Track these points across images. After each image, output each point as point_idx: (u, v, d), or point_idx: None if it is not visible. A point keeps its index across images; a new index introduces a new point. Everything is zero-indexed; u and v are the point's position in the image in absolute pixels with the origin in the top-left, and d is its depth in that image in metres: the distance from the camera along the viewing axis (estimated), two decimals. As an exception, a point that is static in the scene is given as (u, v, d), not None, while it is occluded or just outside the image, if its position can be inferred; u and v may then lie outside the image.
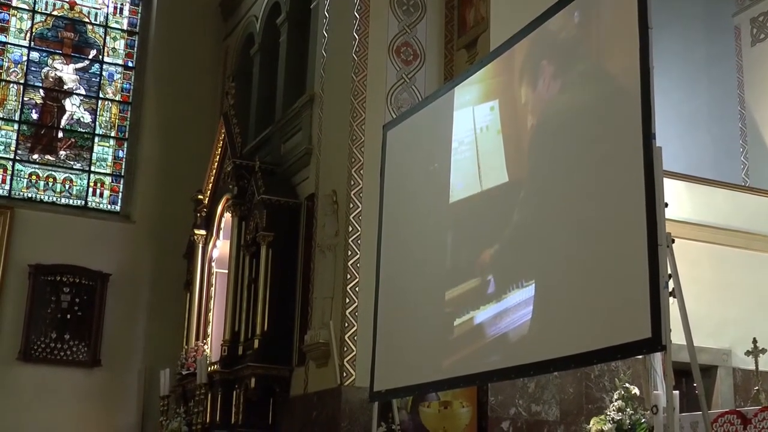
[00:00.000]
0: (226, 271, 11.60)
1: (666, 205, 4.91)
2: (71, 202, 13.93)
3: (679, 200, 9.46)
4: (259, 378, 10.23)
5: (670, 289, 4.77)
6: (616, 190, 5.25)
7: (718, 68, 12.21)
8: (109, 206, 14.13)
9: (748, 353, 7.80)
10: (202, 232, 12.54)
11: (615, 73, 5.50)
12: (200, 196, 12.69)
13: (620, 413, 7.82)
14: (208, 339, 11.84)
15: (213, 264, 12.26)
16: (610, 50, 5.64)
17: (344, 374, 9.09)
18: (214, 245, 12.29)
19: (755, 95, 11.50)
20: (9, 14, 14.18)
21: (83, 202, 14.00)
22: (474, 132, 6.83)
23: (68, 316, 13.14)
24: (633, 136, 5.10)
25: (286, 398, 10.29)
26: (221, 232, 12.11)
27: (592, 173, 5.54)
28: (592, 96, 5.72)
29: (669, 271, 4.79)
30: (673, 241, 4.87)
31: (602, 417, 7.92)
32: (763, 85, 11.66)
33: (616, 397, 8.09)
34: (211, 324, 11.90)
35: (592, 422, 7.97)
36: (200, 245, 12.53)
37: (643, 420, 7.66)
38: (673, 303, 4.77)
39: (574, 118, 5.84)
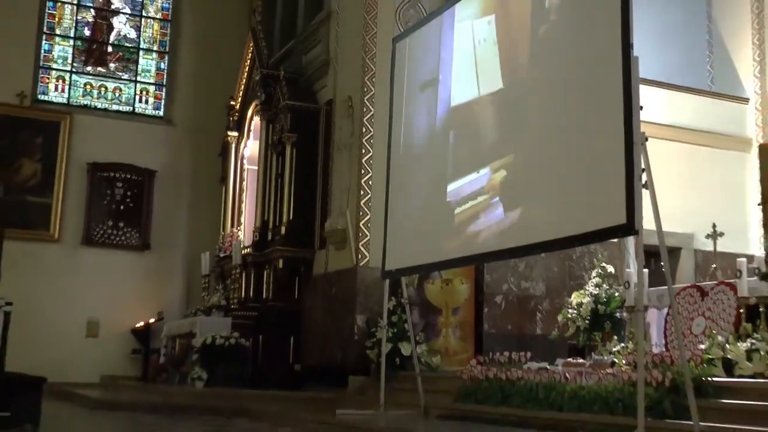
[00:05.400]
0: (256, 168, 11.60)
1: (641, 108, 4.84)
2: (121, 108, 13.87)
3: (653, 104, 9.35)
4: (286, 259, 10.32)
5: (643, 182, 4.73)
6: (597, 94, 5.16)
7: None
8: (153, 111, 14.06)
9: (708, 236, 7.79)
10: (235, 133, 12.53)
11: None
12: (232, 102, 12.63)
13: (597, 288, 7.90)
14: (242, 226, 11.92)
15: (244, 161, 12.25)
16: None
17: (359, 256, 9.16)
18: (245, 145, 12.25)
19: (721, 10, 11.28)
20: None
21: (131, 108, 13.93)
22: (473, 43, 6.70)
23: (121, 207, 13.26)
24: (613, 46, 4.99)
25: (309, 277, 10.39)
26: (251, 133, 12.05)
27: (576, 79, 5.44)
28: (576, 9, 5.59)
29: (643, 166, 4.75)
30: (646, 139, 4.81)
31: (582, 291, 8.00)
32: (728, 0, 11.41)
33: (594, 275, 8.15)
34: (243, 213, 11.96)
35: (573, 296, 8.05)
36: (233, 145, 12.51)
37: (617, 294, 7.73)
38: (645, 194, 4.74)
39: (562, 30, 5.72)
